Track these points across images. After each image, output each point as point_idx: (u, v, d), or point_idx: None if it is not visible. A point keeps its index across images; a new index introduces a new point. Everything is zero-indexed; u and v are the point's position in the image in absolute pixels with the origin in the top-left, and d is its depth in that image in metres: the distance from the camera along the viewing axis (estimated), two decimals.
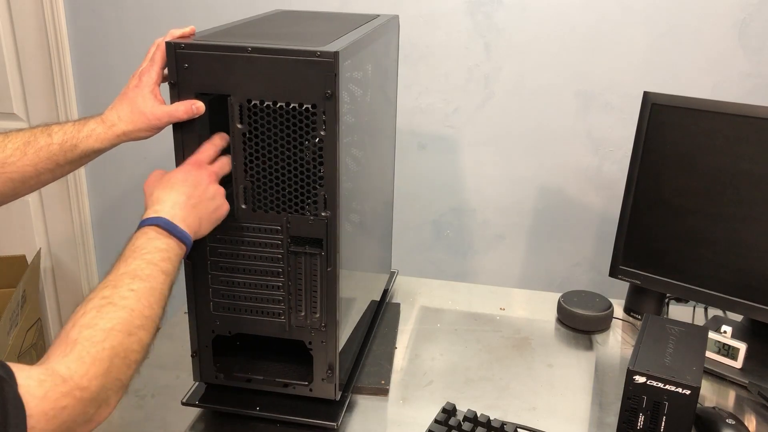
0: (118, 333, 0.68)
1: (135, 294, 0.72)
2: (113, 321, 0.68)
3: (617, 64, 1.59)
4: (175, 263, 0.79)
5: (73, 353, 0.64)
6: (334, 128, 0.85)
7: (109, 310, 0.69)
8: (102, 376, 0.65)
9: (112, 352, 0.66)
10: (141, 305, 0.71)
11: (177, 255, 0.80)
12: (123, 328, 0.68)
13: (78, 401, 0.62)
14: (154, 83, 0.89)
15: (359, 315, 1.10)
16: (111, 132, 0.89)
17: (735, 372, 1.16)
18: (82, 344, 0.65)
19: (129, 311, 0.70)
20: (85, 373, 0.63)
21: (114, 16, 1.79)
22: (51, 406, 0.59)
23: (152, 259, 0.76)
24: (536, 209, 1.75)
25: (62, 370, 0.62)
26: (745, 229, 1.15)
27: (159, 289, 0.75)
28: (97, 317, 0.68)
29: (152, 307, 0.73)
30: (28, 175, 0.88)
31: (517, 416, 1.05)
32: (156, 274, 0.75)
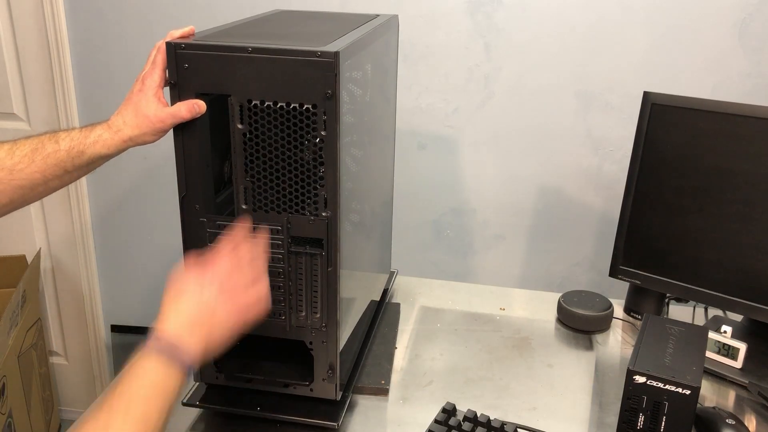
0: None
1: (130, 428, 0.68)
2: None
3: (617, 64, 1.59)
4: (176, 391, 0.74)
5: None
6: (334, 128, 0.85)
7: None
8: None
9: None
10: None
11: (176, 383, 0.74)
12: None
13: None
14: (157, 86, 0.89)
15: (359, 315, 1.10)
16: (117, 137, 0.89)
17: (735, 372, 1.16)
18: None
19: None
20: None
21: (114, 16, 1.79)
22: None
23: (148, 395, 0.71)
24: (536, 209, 1.75)
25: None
26: (745, 229, 1.15)
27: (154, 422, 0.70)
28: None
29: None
30: (36, 182, 0.89)
31: (517, 416, 1.05)
32: (153, 413, 0.71)
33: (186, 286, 0.80)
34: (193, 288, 0.79)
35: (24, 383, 1.85)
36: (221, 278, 0.81)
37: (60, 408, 2.19)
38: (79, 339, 2.17)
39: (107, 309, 2.13)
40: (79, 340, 2.17)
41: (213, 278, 0.80)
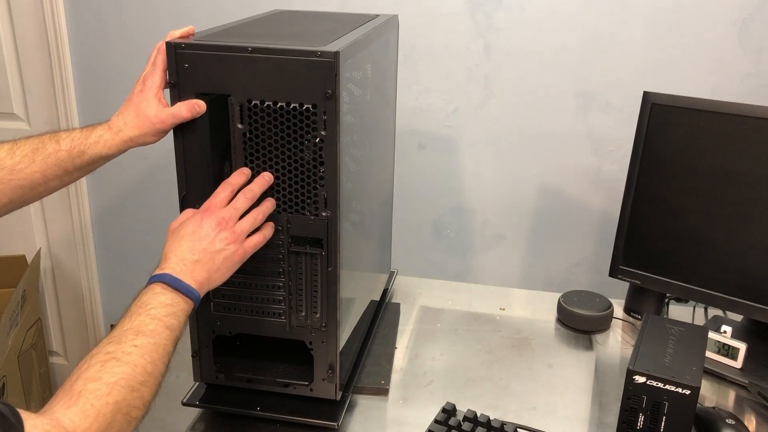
0: (122, 388, 0.68)
1: (138, 350, 0.71)
2: (117, 376, 0.68)
3: (617, 64, 1.59)
4: (181, 318, 0.78)
5: (77, 405, 0.64)
6: (334, 128, 0.85)
7: (113, 365, 0.69)
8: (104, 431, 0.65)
9: (115, 408, 0.66)
10: (144, 361, 0.71)
11: (183, 310, 0.79)
12: (126, 383, 0.68)
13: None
14: (158, 87, 0.89)
15: (359, 315, 1.10)
16: (118, 138, 0.90)
17: (735, 372, 1.16)
18: (86, 397, 0.65)
19: (132, 367, 0.70)
20: (87, 427, 0.63)
21: (114, 16, 1.79)
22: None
23: (157, 315, 0.76)
24: (536, 209, 1.75)
25: (66, 422, 0.62)
26: (745, 229, 1.15)
27: (162, 344, 0.74)
28: (101, 371, 0.68)
29: (155, 363, 0.73)
30: (36, 182, 0.89)
31: (517, 416, 1.05)
32: (160, 330, 0.75)
33: (185, 231, 0.83)
34: (193, 234, 0.83)
35: (24, 383, 1.85)
36: (220, 222, 0.84)
37: None
38: (79, 339, 2.17)
39: (107, 309, 2.13)
40: (79, 340, 2.18)
41: (211, 224, 0.83)
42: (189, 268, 0.81)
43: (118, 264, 2.06)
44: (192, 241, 0.82)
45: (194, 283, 0.81)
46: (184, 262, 0.81)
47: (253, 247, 0.87)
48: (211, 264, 0.83)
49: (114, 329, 0.74)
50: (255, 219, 0.86)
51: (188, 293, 0.80)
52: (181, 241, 0.83)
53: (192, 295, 0.80)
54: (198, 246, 0.82)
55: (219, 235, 0.83)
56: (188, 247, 0.82)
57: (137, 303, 0.77)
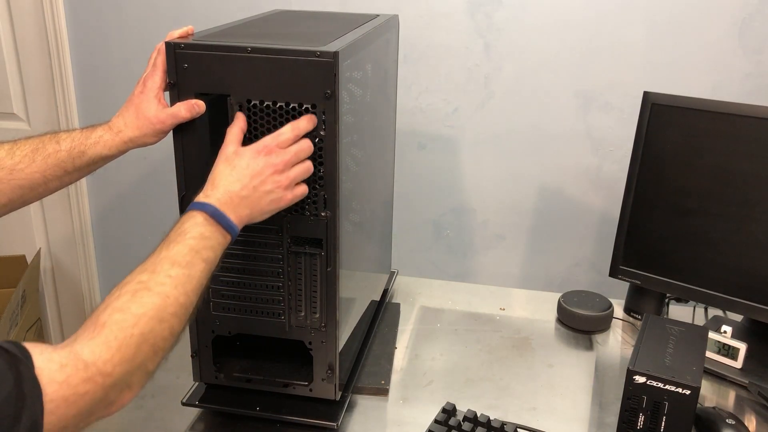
0: (150, 319, 0.67)
1: (172, 280, 0.71)
2: (146, 306, 0.67)
3: (617, 64, 1.59)
4: (218, 252, 0.78)
5: (100, 336, 0.63)
6: (334, 128, 0.85)
7: (144, 295, 0.68)
8: (127, 362, 0.64)
9: (141, 339, 0.65)
10: (177, 292, 0.70)
11: (220, 244, 0.78)
12: (155, 314, 0.67)
13: (99, 387, 0.61)
14: (158, 88, 0.89)
15: (359, 315, 1.10)
16: (118, 138, 0.90)
17: (735, 372, 1.16)
18: (111, 328, 0.64)
19: (164, 297, 0.69)
20: (109, 358, 0.62)
21: (114, 16, 1.79)
22: (72, 391, 0.59)
23: (195, 246, 0.74)
24: (536, 209, 1.75)
25: (86, 354, 0.61)
26: (745, 229, 1.15)
27: (197, 277, 0.74)
28: (131, 301, 0.67)
29: (188, 295, 0.72)
30: (36, 182, 0.89)
31: (517, 416, 1.05)
32: (196, 262, 0.74)
33: (240, 162, 0.82)
34: (246, 167, 0.81)
35: None
36: (278, 164, 0.82)
37: None
38: None
39: None
40: None
41: (268, 162, 0.82)
42: (234, 202, 0.80)
43: (118, 264, 2.06)
44: (244, 175, 0.81)
45: (236, 219, 0.80)
46: (230, 195, 0.80)
47: (300, 196, 0.86)
48: (257, 203, 0.82)
49: (150, 255, 0.73)
50: (306, 168, 0.85)
51: (228, 228, 0.78)
52: (233, 170, 0.81)
53: (231, 231, 0.79)
54: (249, 182, 0.81)
55: (272, 177, 0.82)
56: (238, 180, 0.80)
57: (177, 230, 0.76)
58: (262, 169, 0.81)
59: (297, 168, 0.84)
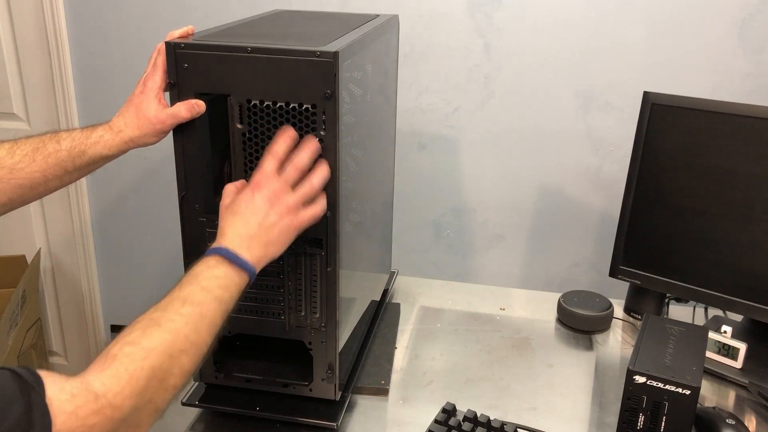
0: (160, 354, 0.67)
1: (183, 318, 0.71)
2: (156, 341, 0.67)
3: (617, 64, 1.59)
4: (233, 292, 0.77)
5: (110, 369, 0.63)
6: (334, 128, 0.85)
7: (154, 331, 0.68)
8: (137, 396, 0.64)
9: (151, 373, 0.65)
10: (187, 329, 0.70)
11: (236, 284, 0.78)
12: (165, 349, 0.67)
13: (108, 420, 0.61)
14: (159, 88, 0.89)
15: (359, 315, 1.10)
16: (118, 138, 0.90)
17: (735, 372, 1.16)
18: (121, 360, 0.64)
19: (174, 333, 0.69)
20: (119, 391, 0.62)
21: (114, 16, 1.79)
22: (80, 423, 0.58)
23: (207, 286, 0.75)
24: (536, 209, 1.75)
25: (97, 385, 0.61)
26: (745, 229, 1.15)
27: (210, 316, 0.73)
28: (141, 336, 0.67)
29: (199, 333, 0.72)
30: (36, 182, 0.89)
31: (517, 416, 1.05)
32: (209, 301, 0.74)
33: (239, 207, 0.82)
34: (246, 209, 0.81)
35: None
36: (271, 196, 0.82)
37: None
38: (79, 339, 2.17)
39: (107, 309, 2.13)
40: (79, 340, 2.18)
41: (263, 198, 0.82)
42: (245, 243, 0.80)
43: (118, 264, 2.06)
44: (246, 216, 0.81)
45: (250, 257, 0.79)
46: (240, 237, 0.80)
47: (310, 218, 0.85)
48: (267, 238, 0.81)
49: (164, 297, 0.73)
50: (305, 193, 0.84)
51: (243, 267, 0.78)
52: (235, 216, 0.81)
53: (248, 269, 0.79)
54: (253, 220, 0.81)
55: (272, 209, 0.82)
56: (243, 222, 0.81)
57: (190, 273, 0.76)
58: (261, 205, 0.82)
59: (294, 194, 0.83)
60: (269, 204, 0.82)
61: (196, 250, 0.93)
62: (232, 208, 0.82)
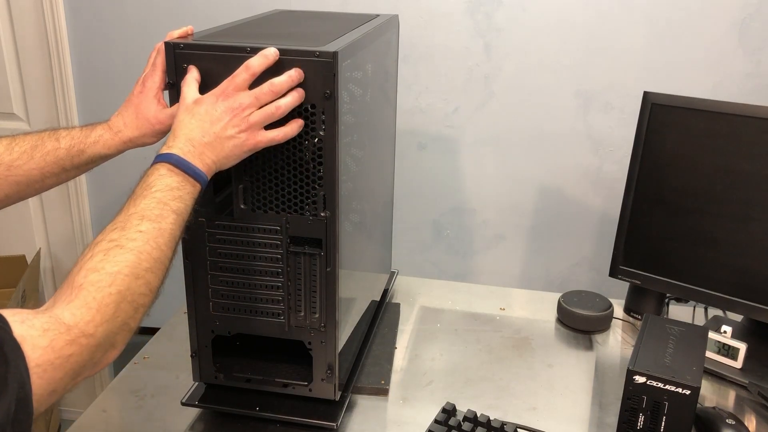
0: (126, 277, 0.66)
1: (143, 235, 0.70)
2: (120, 264, 0.66)
3: (617, 64, 1.59)
4: (188, 202, 0.76)
5: (78, 299, 0.63)
6: (334, 128, 0.85)
7: (116, 253, 0.67)
8: (108, 321, 0.64)
9: (119, 297, 0.65)
10: (149, 247, 0.69)
11: (189, 193, 0.77)
12: (130, 271, 0.67)
13: (84, 348, 0.61)
14: (158, 88, 0.89)
15: (359, 315, 1.10)
16: (117, 138, 0.90)
17: (735, 372, 1.16)
18: (88, 289, 0.63)
19: (137, 254, 0.68)
20: (90, 319, 0.62)
21: (114, 16, 1.79)
22: (56, 355, 0.58)
23: (162, 198, 0.73)
24: (536, 209, 1.75)
25: (67, 317, 0.61)
26: (745, 229, 1.15)
27: (169, 229, 0.72)
28: (104, 260, 0.66)
29: (161, 249, 0.71)
30: (33, 179, 0.88)
31: (517, 416, 1.05)
32: (166, 214, 0.73)
33: (198, 109, 0.80)
34: (205, 114, 0.80)
35: None
36: (236, 107, 0.80)
37: (60, 408, 2.19)
38: None
39: None
40: None
41: (225, 108, 0.80)
42: (198, 150, 0.78)
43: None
44: (203, 122, 0.79)
45: (202, 166, 0.78)
46: (193, 143, 0.78)
47: (268, 141, 0.83)
48: (221, 149, 0.80)
49: (118, 213, 0.72)
50: (270, 113, 0.81)
51: (195, 175, 0.77)
52: (192, 119, 0.80)
53: (199, 178, 0.78)
54: (209, 129, 0.79)
55: (232, 121, 0.80)
56: (199, 127, 0.79)
57: (142, 185, 0.75)
58: (221, 114, 0.80)
59: (258, 112, 0.81)
60: (231, 115, 0.80)
61: (195, 250, 0.93)
62: (192, 109, 0.81)
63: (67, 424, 2.17)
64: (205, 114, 0.80)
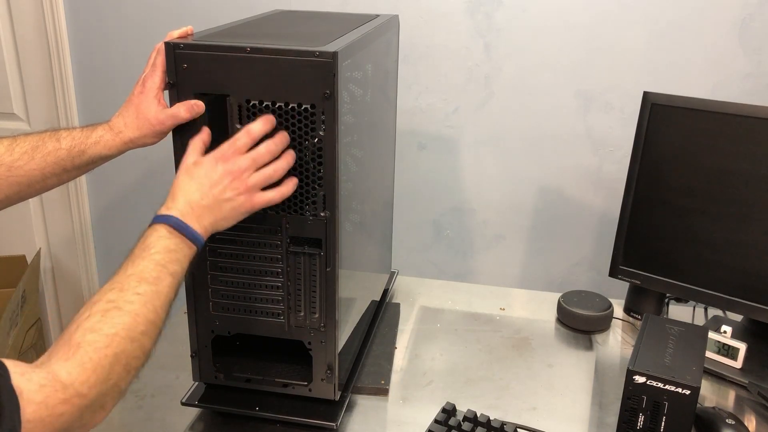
0: (122, 340, 0.67)
1: (141, 298, 0.71)
2: (117, 326, 0.67)
3: (617, 64, 1.59)
4: (184, 264, 0.78)
5: (75, 358, 0.63)
6: (333, 128, 0.85)
7: (114, 315, 0.68)
8: (102, 383, 0.64)
9: (114, 359, 0.66)
10: (146, 310, 0.70)
11: (186, 256, 0.78)
12: (127, 334, 0.68)
13: (76, 408, 0.62)
14: (158, 88, 0.89)
15: (359, 315, 1.10)
16: (118, 139, 0.90)
17: (735, 372, 1.16)
18: (85, 349, 0.64)
19: (133, 316, 0.69)
20: (85, 380, 0.63)
21: (114, 16, 1.79)
22: (49, 412, 0.59)
23: (160, 260, 0.75)
24: (536, 209, 1.75)
25: (63, 375, 0.62)
26: (745, 229, 1.15)
27: (165, 292, 0.74)
28: (102, 321, 0.67)
29: (157, 312, 0.72)
30: (34, 179, 0.89)
31: (517, 416, 1.05)
32: (163, 277, 0.74)
33: (198, 172, 0.82)
34: (205, 177, 0.81)
35: None
36: (235, 171, 0.82)
37: None
38: None
39: None
40: None
41: (224, 171, 0.82)
42: (196, 213, 0.80)
43: (118, 264, 2.06)
44: (202, 185, 0.81)
45: (200, 229, 0.79)
46: (191, 205, 0.80)
47: (265, 202, 0.85)
48: (218, 211, 0.81)
49: (117, 273, 0.73)
50: (268, 175, 0.84)
51: (193, 239, 0.78)
52: (191, 181, 0.81)
53: (197, 241, 0.79)
54: (209, 191, 0.81)
55: (231, 184, 0.81)
56: (198, 190, 0.80)
57: (141, 245, 0.76)
58: (221, 177, 0.81)
59: (257, 175, 0.83)
60: (230, 178, 0.82)
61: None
62: (191, 171, 0.82)
63: None
64: (204, 177, 0.81)
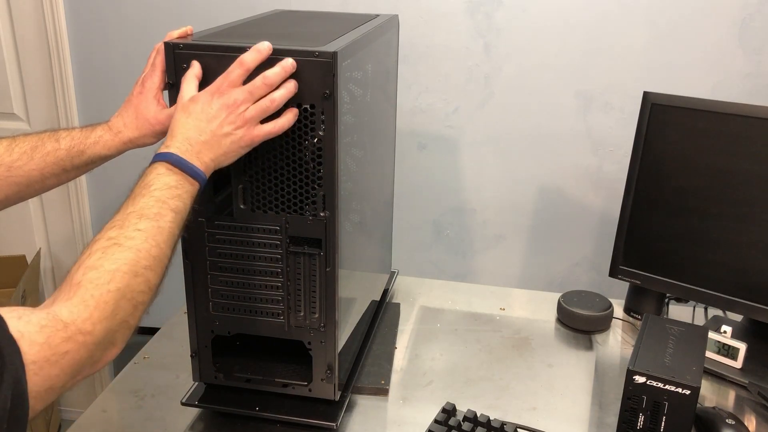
0: (124, 274, 0.66)
1: (142, 234, 0.70)
2: (118, 262, 0.66)
3: (617, 64, 1.59)
4: (186, 200, 0.76)
5: (76, 297, 0.62)
6: (333, 128, 0.85)
7: (115, 251, 0.67)
8: (107, 319, 0.64)
9: (118, 294, 0.65)
10: (148, 245, 0.69)
11: (188, 192, 0.77)
12: (129, 269, 0.67)
13: (81, 345, 0.61)
14: (157, 89, 0.89)
15: (359, 315, 1.10)
16: (117, 139, 0.90)
17: (735, 372, 1.16)
18: (86, 287, 0.63)
19: (135, 251, 0.68)
20: (88, 317, 0.62)
21: (114, 16, 1.79)
22: (53, 351, 0.58)
23: (161, 197, 0.73)
24: (536, 209, 1.75)
25: (64, 314, 0.61)
26: (745, 229, 1.15)
27: (167, 228, 0.72)
28: (102, 258, 0.66)
29: (160, 247, 0.71)
30: (33, 180, 0.88)
31: (517, 416, 1.05)
32: (165, 213, 0.73)
33: (194, 108, 0.80)
34: (201, 112, 0.80)
35: None
36: (231, 104, 0.80)
37: (60, 408, 2.20)
38: None
39: None
40: None
41: (220, 105, 0.80)
42: (195, 149, 0.78)
43: None
44: (199, 121, 0.80)
45: (200, 164, 0.78)
46: (190, 142, 0.78)
47: (264, 135, 0.83)
48: (218, 147, 0.80)
49: (117, 212, 0.72)
50: (265, 107, 0.81)
51: (194, 174, 0.77)
52: (188, 118, 0.80)
53: (198, 177, 0.78)
54: (206, 127, 0.79)
55: (228, 118, 0.80)
56: (195, 126, 0.79)
57: (141, 184, 0.75)
58: (217, 111, 0.80)
59: (253, 108, 0.81)
60: (227, 112, 0.80)
61: (195, 250, 0.93)
62: (188, 108, 0.81)
63: (67, 424, 2.17)
64: (201, 112, 0.80)
